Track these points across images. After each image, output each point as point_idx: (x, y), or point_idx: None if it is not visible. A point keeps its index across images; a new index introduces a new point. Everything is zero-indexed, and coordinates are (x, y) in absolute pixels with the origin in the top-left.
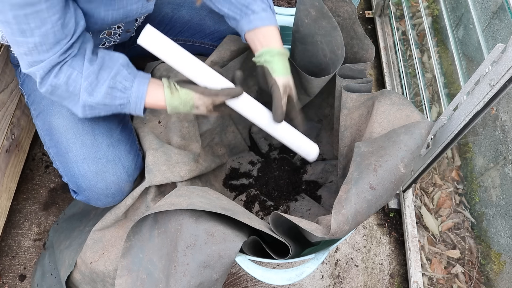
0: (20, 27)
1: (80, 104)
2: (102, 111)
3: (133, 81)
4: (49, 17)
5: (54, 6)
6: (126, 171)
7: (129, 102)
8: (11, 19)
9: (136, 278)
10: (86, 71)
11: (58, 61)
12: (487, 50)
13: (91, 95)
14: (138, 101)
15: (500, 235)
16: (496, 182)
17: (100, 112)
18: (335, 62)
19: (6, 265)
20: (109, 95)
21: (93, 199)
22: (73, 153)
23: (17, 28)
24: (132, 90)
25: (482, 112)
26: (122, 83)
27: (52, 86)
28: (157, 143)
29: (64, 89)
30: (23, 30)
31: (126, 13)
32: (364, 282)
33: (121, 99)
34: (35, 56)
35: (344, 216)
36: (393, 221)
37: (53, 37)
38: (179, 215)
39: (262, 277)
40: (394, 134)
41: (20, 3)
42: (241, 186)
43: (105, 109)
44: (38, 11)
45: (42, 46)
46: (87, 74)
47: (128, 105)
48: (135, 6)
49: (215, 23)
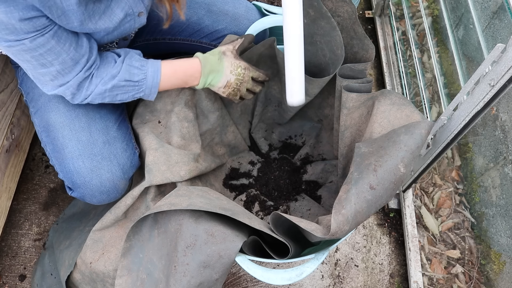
0: (39, 62)
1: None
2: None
3: (147, 61)
4: (61, 48)
5: (61, 38)
6: (121, 168)
7: (146, 78)
8: (30, 59)
9: (136, 278)
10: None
11: (85, 76)
12: (487, 50)
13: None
14: (155, 74)
15: (500, 235)
16: (496, 182)
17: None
18: (335, 62)
19: (6, 265)
20: (128, 71)
21: (88, 196)
22: (69, 149)
23: (37, 64)
24: (148, 66)
25: (482, 112)
26: (138, 62)
27: (85, 97)
28: (157, 143)
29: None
30: (43, 64)
31: (121, 33)
32: (364, 282)
33: (139, 75)
34: (60, 79)
35: (344, 216)
36: (393, 221)
37: (71, 61)
38: (179, 215)
39: (262, 277)
40: (394, 134)
41: (32, 48)
42: (241, 186)
43: (123, 89)
44: (50, 48)
45: (64, 70)
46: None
47: (145, 81)
48: (127, 25)
49: (213, 22)
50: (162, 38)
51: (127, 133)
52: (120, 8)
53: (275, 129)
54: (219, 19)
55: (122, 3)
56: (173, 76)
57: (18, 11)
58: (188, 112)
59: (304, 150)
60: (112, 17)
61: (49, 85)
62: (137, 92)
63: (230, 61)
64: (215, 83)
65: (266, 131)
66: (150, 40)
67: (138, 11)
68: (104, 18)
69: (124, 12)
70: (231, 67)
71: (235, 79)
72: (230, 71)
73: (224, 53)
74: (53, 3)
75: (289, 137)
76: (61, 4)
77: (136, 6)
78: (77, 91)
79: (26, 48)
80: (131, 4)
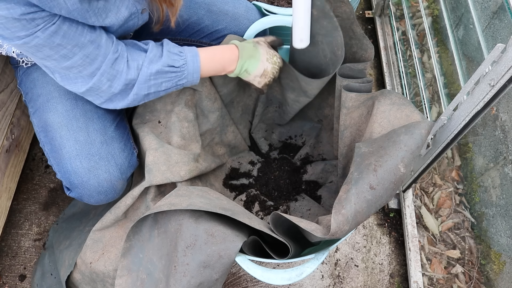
0: (60, 54)
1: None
2: (164, 79)
3: (183, 47)
4: (75, 32)
5: (72, 22)
6: (119, 168)
7: (186, 63)
8: (50, 52)
9: (136, 278)
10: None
11: (115, 57)
12: (487, 50)
13: (156, 62)
14: (194, 59)
15: (500, 235)
16: (496, 182)
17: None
18: (334, 62)
19: (6, 265)
20: (169, 57)
21: (86, 196)
22: (67, 149)
23: (59, 57)
24: (186, 52)
25: (482, 112)
26: (176, 48)
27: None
28: (157, 143)
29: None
30: (64, 55)
31: (124, 30)
32: (364, 282)
33: (179, 61)
34: (88, 68)
35: (344, 216)
36: (393, 221)
37: (91, 44)
38: (179, 215)
39: (262, 277)
40: (394, 134)
41: (47, 38)
42: (241, 186)
43: (167, 76)
44: (64, 34)
45: (88, 57)
46: (150, 48)
47: (186, 66)
48: (131, 23)
49: (213, 22)
50: (162, 38)
51: (125, 133)
52: (125, 7)
53: (275, 129)
54: (219, 19)
55: (126, 1)
56: (211, 60)
57: (19, 6)
58: (188, 112)
59: (304, 150)
60: (118, 15)
61: (79, 80)
62: (180, 78)
63: (265, 49)
64: (251, 70)
65: (266, 131)
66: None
67: (141, 8)
68: (111, 16)
69: (129, 10)
70: (267, 54)
71: (272, 67)
72: (266, 58)
73: (258, 42)
74: (56, 3)
75: (289, 137)
76: (65, 4)
77: (139, 3)
78: (114, 76)
79: (41, 41)
80: (134, 2)
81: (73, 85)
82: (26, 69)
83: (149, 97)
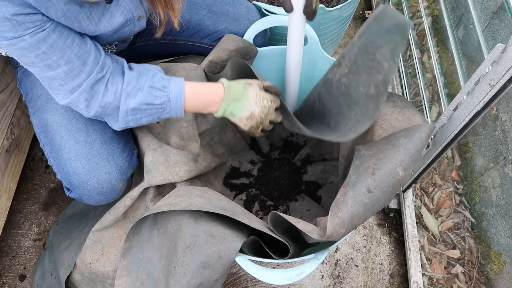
0: (45, 63)
1: (121, 111)
2: (144, 115)
3: (170, 81)
4: (63, 43)
5: (62, 33)
6: (119, 169)
7: (169, 100)
8: (34, 59)
9: (136, 278)
10: (127, 77)
11: (97, 78)
12: (487, 50)
13: (134, 97)
14: (178, 96)
15: (500, 235)
16: (496, 182)
17: (141, 116)
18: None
19: (6, 265)
20: (149, 94)
21: (86, 197)
22: (66, 150)
23: (43, 65)
24: (171, 88)
25: (482, 112)
26: (160, 83)
27: (102, 108)
28: (155, 144)
29: (114, 105)
30: (49, 65)
31: (120, 36)
32: (364, 282)
33: (161, 97)
34: (70, 83)
35: (340, 219)
36: (393, 221)
37: (77, 59)
38: (179, 216)
39: (262, 277)
40: (394, 137)
41: (34, 43)
42: (241, 185)
43: (147, 112)
44: (52, 43)
45: (72, 71)
46: (128, 80)
47: (168, 103)
48: (127, 29)
49: (214, 23)
50: (163, 39)
51: (124, 133)
52: (119, 12)
53: (277, 125)
54: (220, 19)
55: (121, 8)
56: (194, 98)
57: (13, 6)
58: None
59: (305, 150)
60: (111, 20)
61: (60, 92)
62: (162, 114)
63: (256, 92)
64: (237, 113)
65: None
66: (150, 41)
67: (138, 15)
68: (104, 21)
69: (124, 16)
70: (256, 98)
71: (260, 112)
72: (255, 102)
73: (250, 84)
74: (51, 4)
75: (290, 134)
76: (58, 5)
77: (136, 11)
78: (92, 97)
79: (27, 45)
80: (130, 9)
81: (55, 95)
82: (26, 70)
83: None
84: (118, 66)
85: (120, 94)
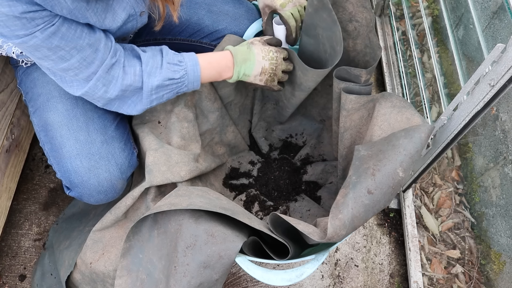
0: (58, 55)
1: (145, 91)
2: (165, 91)
3: (183, 55)
4: (73, 34)
5: (71, 24)
6: (119, 168)
7: (187, 73)
8: (48, 52)
9: (136, 278)
10: (144, 58)
11: (112, 62)
12: (487, 50)
13: (155, 75)
14: (195, 68)
15: (500, 235)
16: (496, 182)
17: (163, 93)
18: (333, 58)
19: (6, 265)
20: (169, 70)
21: (86, 196)
22: (67, 148)
23: (56, 57)
24: (186, 61)
25: (482, 112)
26: (175, 58)
27: (122, 91)
28: (157, 144)
29: (134, 86)
30: (62, 57)
31: (123, 32)
32: (364, 282)
33: (179, 71)
34: (84, 71)
35: (341, 220)
36: (393, 221)
37: (89, 48)
38: (179, 215)
39: (262, 277)
40: (394, 137)
41: (45, 38)
42: (241, 185)
43: (168, 88)
44: (62, 36)
45: (85, 60)
46: (146, 60)
47: (186, 76)
48: (130, 25)
49: (214, 22)
50: (162, 39)
51: (125, 132)
52: (121, 8)
53: (276, 127)
54: (220, 19)
55: (123, 3)
56: (208, 67)
57: (21, 4)
58: (187, 112)
59: (305, 151)
60: (115, 17)
61: (75, 83)
62: (181, 88)
63: (260, 47)
64: (249, 72)
65: (267, 130)
66: (150, 41)
67: (140, 11)
68: (108, 18)
69: (126, 12)
70: (262, 53)
71: (270, 63)
72: (262, 57)
73: (252, 42)
74: (57, 2)
75: (289, 135)
76: (66, 3)
77: (138, 6)
78: (109, 82)
79: (39, 41)
80: (132, 4)
81: (69, 88)
82: (26, 69)
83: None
84: (129, 50)
85: (141, 75)
